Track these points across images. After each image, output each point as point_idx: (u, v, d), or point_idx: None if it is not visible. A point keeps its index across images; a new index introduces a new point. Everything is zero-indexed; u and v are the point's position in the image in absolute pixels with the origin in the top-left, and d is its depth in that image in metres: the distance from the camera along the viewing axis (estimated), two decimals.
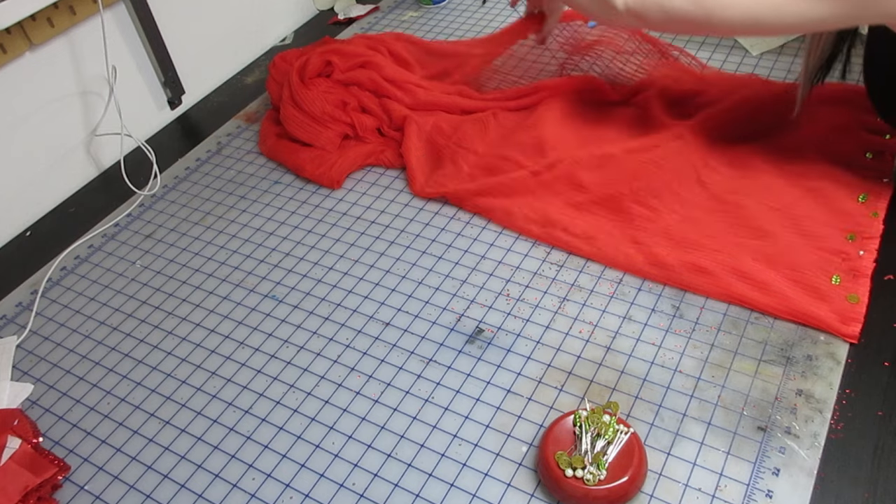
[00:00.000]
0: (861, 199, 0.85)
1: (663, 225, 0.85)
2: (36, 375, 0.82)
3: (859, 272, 0.77)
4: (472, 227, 0.92)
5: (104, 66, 1.07)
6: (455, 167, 0.98)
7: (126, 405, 0.77)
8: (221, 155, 1.11)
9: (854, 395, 0.69)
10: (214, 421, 0.75)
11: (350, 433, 0.72)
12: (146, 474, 0.71)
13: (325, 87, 1.07)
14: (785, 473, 0.63)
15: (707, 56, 1.14)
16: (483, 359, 0.76)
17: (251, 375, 0.78)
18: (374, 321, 0.82)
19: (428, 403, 0.73)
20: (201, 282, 0.90)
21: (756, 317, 0.76)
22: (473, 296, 0.83)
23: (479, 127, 1.02)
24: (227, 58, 1.31)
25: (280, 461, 0.70)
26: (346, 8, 1.44)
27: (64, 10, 1.00)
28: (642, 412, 0.70)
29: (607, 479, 0.61)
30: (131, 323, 0.86)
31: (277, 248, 0.93)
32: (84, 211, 1.05)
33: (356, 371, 0.77)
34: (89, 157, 1.11)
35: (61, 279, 0.94)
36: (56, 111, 1.04)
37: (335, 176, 1.00)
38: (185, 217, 1.00)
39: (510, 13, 1.34)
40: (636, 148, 0.95)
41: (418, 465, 0.68)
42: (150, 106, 1.19)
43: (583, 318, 0.79)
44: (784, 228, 0.82)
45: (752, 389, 0.70)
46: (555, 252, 0.87)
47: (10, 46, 0.95)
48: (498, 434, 0.70)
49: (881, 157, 0.89)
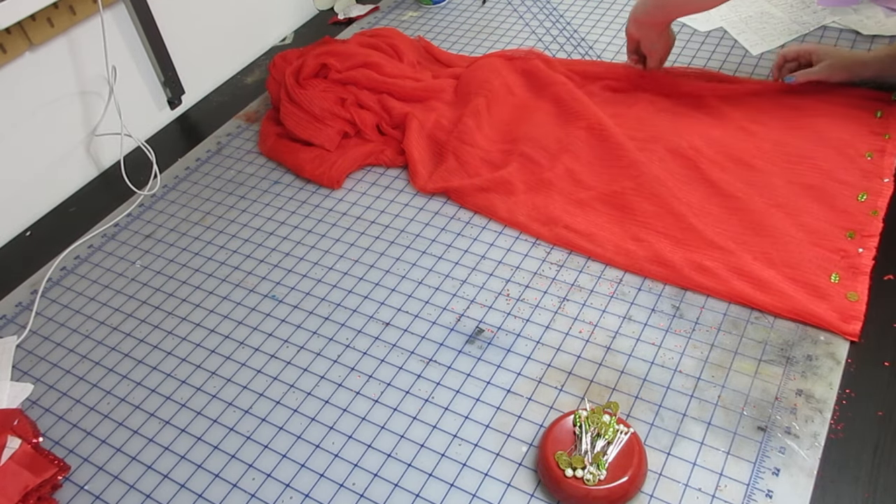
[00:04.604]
0: (861, 198, 0.85)
1: (665, 222, 0.85)
2: (36, 375, 0.82)
3: (858, 270, 0.78)
4: (472, 227, 0.92)
5: (104, 66, 1.06)
6: (457, 162, 0.98)
7: (126, 405, 0.77)
8: (221, 155, 1.11)
9: (854, 395, 0.69)
10: (214, 421, 0.75)
11: (350, 433, 0.72)
12: (146, 474, 0.71)
13: (322, 86, 1.07)
14: (785, 473, 0.63)
15: (707, 56, 1.14)
16: (483, 359, 0.76)
17: (251, 375, 0.78)
18: (373, 321, 0.82)
19: (428, 403, 0.73)
20: (201, 282, 0.90)
21: (756, 317, 0.76)
22: (473, 296, 0.83)
23: (476, 120, 1.02)
24: (227, 58, 1.31)
25: (280, 461, 0.70)
26: (346, 8, 1.44)
27: (64, 10, 0.99)
28: (642, 412, 0.70)
29: (607, 479, 0.61)
30: (131, 323, 0.86)
31: (277, 248, 0.93)
32: (84, 211, 1.05)
33: (356, 371, 0.77)
34: (89, 157, 1.11)
35: (61, 279, 0.94)
36: (56, 111, 1.04)
37: (335, 176, 1.00)
38: (185, 217, 1.00)
39: (510, 13, 1.34)
40: (638, 144, 0.95)
41: (418, 465, 0.68)
42: (150, 106, 1.19)
43: (583, 318, 0.79)
44: (784, 226, 0.82)
45: (752, 389, 0.70)
46: (555, 252, 0.87)
47: (10, 46, 0.95)
48: (498, 434, 0.70)
49: (881, 156, 0.89)
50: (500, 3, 1.38)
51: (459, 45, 1.28)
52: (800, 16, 1.19)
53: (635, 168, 0.91)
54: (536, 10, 1.34)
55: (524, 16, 1.33)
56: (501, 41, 1.27)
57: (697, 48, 1.16)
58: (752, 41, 1.16)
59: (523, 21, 1.31)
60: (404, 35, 1.25)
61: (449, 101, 1.10)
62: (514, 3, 1.37)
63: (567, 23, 1.29)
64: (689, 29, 1.21)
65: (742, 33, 1.18)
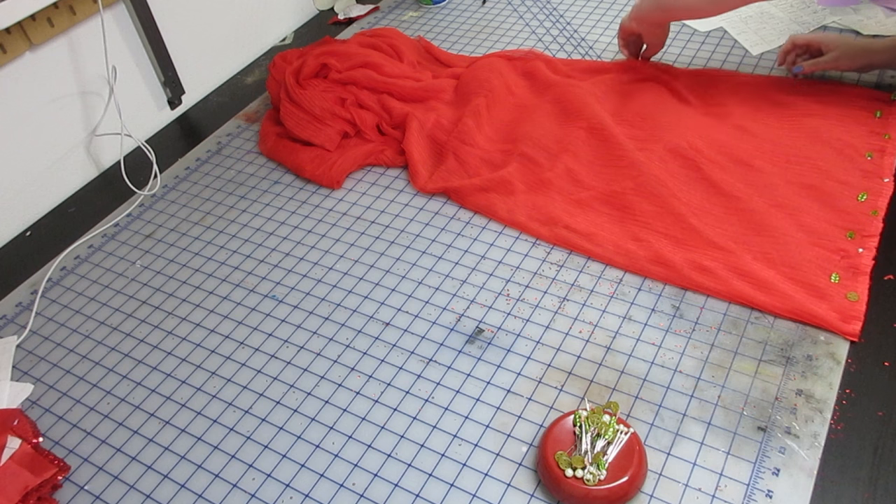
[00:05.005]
0: (861, 198, 0.85)
1: (665, 222, 0.85)
2: (36, 375, 0.82)
3: (858, 270, 0.78)
4: (472, 227, 0.92)
5: (104, 66, 1.07)
6: (457, 162, 0.98)
7: (126, 405, 0.77)
8: (221, 155, 1.11)
9: (854, 395, 0.69)
10: (214, 421, 0.75)
11: (350, 433, 0.72)
12: (146, 474, 0.71)
13: (322, 86, 1.07)
14: (785, 473, 0.63)
15: (707, 56, 1.14)
16: (483, 359, 0.76)
17: (251, 375, 0.78)
18: (374, 321, 0.82)
19: (428, 403, 0.73)
20: (201, 282, 0.90)
21: (756, 317, 0.76)
22: (473, 296, 0.83)
23: (476, 120, 1.02)
24: (227, 58, 1.31)
25: (280, 461, 0.70)
26: (346, 8, 1.44)
27: (64, 10, 1.00)
28: (642, 412, 0.70)
29: (607, 479, 0.61)
30: (131, 323, 0.86)
31: (277, 248, 0.93)
32: (84, 211, 1.05)
33: (356, 371, 0.77)
34: (89, 157, 1.11)
35: (61, 279, 0.94)
36: (56, 111, 1.04)
37: (335, 176, 1.00)
38: (185, 217, 1.00)
39: (510, 13, 1.34)
40: (638, 144, 0.95)
41: (418, 465, 0.68)
42: (150, 106, 1.19)
43: (583, 318, 0.79)
44: (784, 226, 0.82)
45: (752, 389, 0.70)
46: (555, 252, 0.87)
47: (10, 46, 0.95)
48: (498, 434, 0.70)
49: (881, 156, 0.89)
50: (500, 3, 1.38)
51: (459, 45, 1.28)
52: (800, 16, 1.19)
53: (635, 168, 0.91)
54: (536, 10, 1.34)
55: (524, 16, 1.33)
56: (501, 41, 1.27)
57: (697, 48, 1.16)
58: (752, 41, 1.16)
59: (523, 21, 1.31)
60: (404, 35, 1.25)
61: (449, 101, 1.10)
62: (514, 3, 1.37)
63: (567, 23, 1.29)
64: (689, 29, 1.21)
65: (742, 33, 1.18)
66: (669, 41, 1.18)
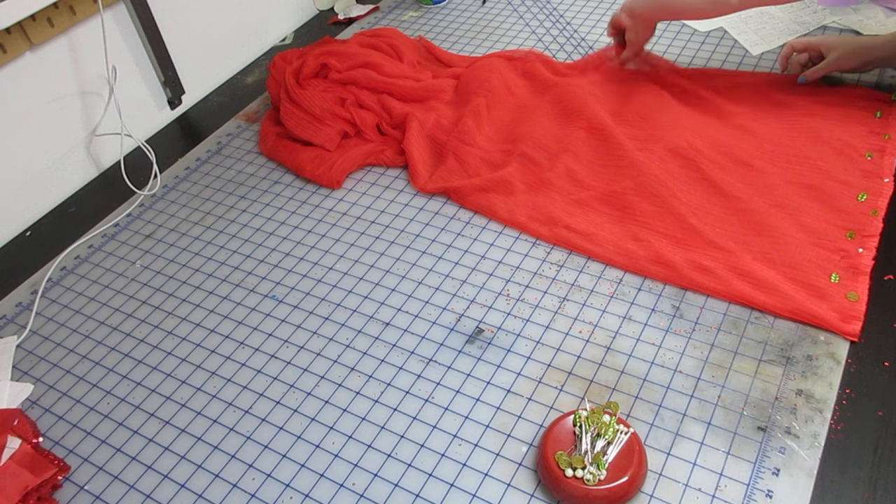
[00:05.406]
0: (861, 198, 0.85)
1: (665, 222, 0.85)
2: (36, 375, 0.82)
3: (858, 270, 0.78)
4: (472, 227, 0.92)
5: (104, 66, 1.07)
6: (457, 162, 0.98)
7: (126, 405, 0.77)
8: (221, 155, 1.11)
9: (854, 395, 0.69)
10: (214, 421, 0.75)
11: (350, 433, 0.72)
12: (146, 474, 0.71)
13: (322, 86, 1.07)
14: (785, 473, 0.63)
15: (707, 56, 1.14)
16: (483, 359, 0.76)
17: (251, 375, 0.78)
18: (374, 321, 0.82)
19: (428, 403, 0.73)
20: (201, 282, 0.90)
21: (756, 317, 0.76)
22: (473, 296, 0.83)
23: (476, 120, 1.02)
24: (227, 58, 1.31)
25: (280, 461, 0.70)
26: (346, 8, 1.44)
27: (64, 10, 0.99)
28: (642, 412, 0.70)
29: (607, 479, 0.61)
30: (131, 323, 0.86)
31: (277, 249, 0.93)
32: (84, 211, 1.05)
33: (356, 371, 0.77)
34: (89, 157, 1.11)
35: (61, 279, 0.94)
36: (56, 111, 1.04)
37: (335, 176, 1.00)
38: (185, 217, 1.00)
39: (510, 13, 1.34)
40: (638, 144, 0.95)
41: (418, 465, 0.68)
42: (150, 106, 1.19)
43: (583, 318, 0.79)
44: (784, 226, 0.82)
45: (752, 389, 0.70)
46: (555, 252, 0.87)
47: (10, 46, 0.95)
48: (498, 434, 0.70)
49: (881, 156, 0.89)
50: (500, 3, 1.38)
51: (459, 45, 1.28)
52: (800, 16, 1.19)
53: (635, 168, 0.91)
54: (536, 10, 1.34)
55: (524, 16, 1.33)
56: (501, 41, 1.27)
57: (697, 48, 1.16)
58: (752, 41, 1.16)
59: (523, 21, 1.31)
60: (404, 35, 1.25)
61: (449, 101, 1.10)
62: (514, 3, 1.37)
63: (567, 23, 1.29)
64: (689, 29, 1.21)
65: (742, 33, 1.18)
66: (669, 41, 1.18)
